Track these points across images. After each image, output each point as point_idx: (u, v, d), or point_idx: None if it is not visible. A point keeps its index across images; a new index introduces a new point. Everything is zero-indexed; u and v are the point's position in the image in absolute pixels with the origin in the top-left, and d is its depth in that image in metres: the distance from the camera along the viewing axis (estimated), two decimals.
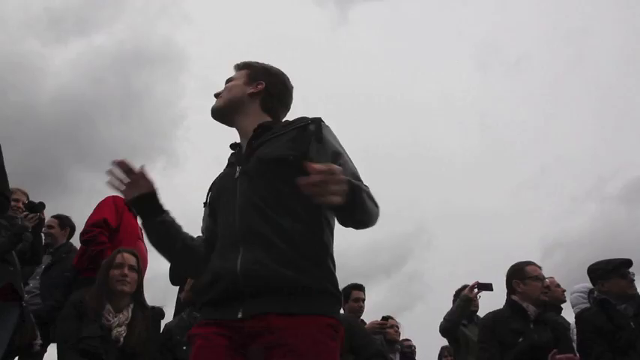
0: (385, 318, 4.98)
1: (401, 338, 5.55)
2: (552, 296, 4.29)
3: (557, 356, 2.80)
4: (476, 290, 4.01)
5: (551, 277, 4.41)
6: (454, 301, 4.64)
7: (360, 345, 2.85)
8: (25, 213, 3.34)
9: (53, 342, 3.42)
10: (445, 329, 4.07)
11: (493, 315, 3.24)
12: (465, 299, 3.99)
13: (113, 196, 3.72)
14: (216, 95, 1.73)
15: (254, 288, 1.41)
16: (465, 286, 4.57)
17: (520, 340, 3.01)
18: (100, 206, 3.65)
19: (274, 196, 1.51)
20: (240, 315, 1.41)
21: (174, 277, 3.72)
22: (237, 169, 1.60)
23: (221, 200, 1.61)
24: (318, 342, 1.38)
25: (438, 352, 6.08)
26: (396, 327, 4.92)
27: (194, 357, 1.45)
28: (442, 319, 4.17)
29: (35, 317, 3.39)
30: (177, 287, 3.72)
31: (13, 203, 3.56)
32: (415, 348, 5.84)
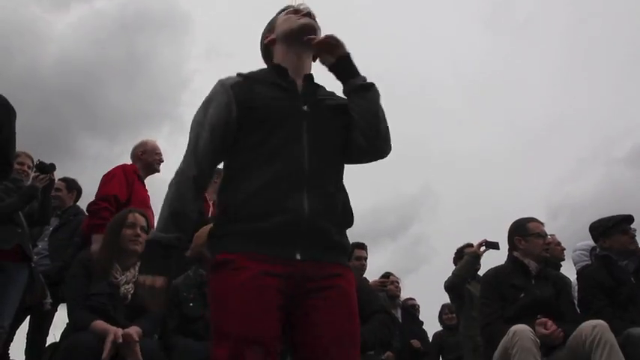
0: (385, 275, 5.07)
1: (405, 297, 5.66)
2: (552, 254, 4.36)
3: (539, 320, 2.84)
4: (483, 248, 4.11)
5: (552, 235, 4.46)
6: (455, 259, 4.72)
7: (364, 301, 2.87)
8: (35, 174, 3.35)
9: (63, 302, 3.49)
10: (453, 284, 4.13)
11: (495, 271, 3.27)
12: (473, 256, 4.14)
13: (122, 166, 3.70)
14: (307, 14, 1.66)
15: (315, 234, 1.44)
16: (467, 244, 4.65)
17: (521, 295, 3.05)
18: (111, 179, 3.56)
19: (336, 149, 1.58)
20: (298, 256, 1.41)
21: None
22: (303, 103, 1.55)
23: (277, 125, 1.50)
24: (354, 290, 1.51)
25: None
26: (396, 283, 4.99)
27: (234, 290, 1.35)
28: (450, 275, 4.25)
29: (44, 277, 3.46)
30: None
31: (17, 167, 3.59)
32: (419, 307, 5.95)
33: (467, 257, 4.16)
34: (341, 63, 1.61)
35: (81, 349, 2.26)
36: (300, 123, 1.51)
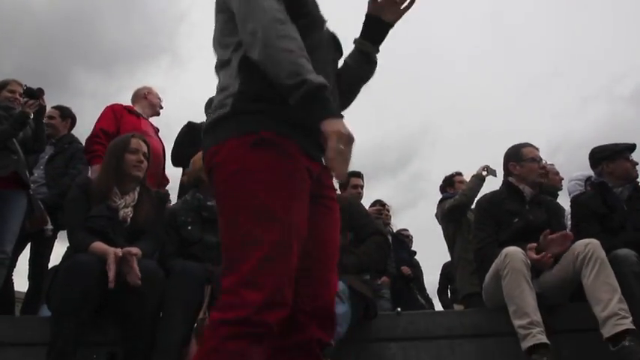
0: (381, 203, 5.14)
1: (399, 228, 5.77)
2: (549, 183, 4.41)
3: (550, 235, 2.89)
4: (485, 172, 4.21)
5: (551, 165, 4.50)
6: (442, 188, 4.79)
7: (359, 224, 2.93)
8: (24, 100, 3.30)
9: (63, 229, 3.54)
10: (461, 203, 4.15)
11: (489, 196, 3.31)
12: (479, 177, 4.20)
13: (111, 105, 3.86)
14: None
15: None
16: (457, 173, 4.74)
17: (515, 220, 3.10)
18: (99, 118, 3.78)
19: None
20: (323, 160, 1.40)
21: (177, 158, 3.76)
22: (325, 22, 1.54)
23: (317, 30, 1.49)
24: None
25: (436, 249, 6.30)
26: (386, 210, 5.07)
27: (287, 175, 1.29)
28: (456, 196, 4.30)
29: (43, 205, 3.49)
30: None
31: (9, 94, 3.55)
32: (412, 237, 6.07)
33: (473, 179, 4.26)
34: (386, 28, 1.61)
35: (81, 270, 2.29)
36: (329, 40, 1.55)
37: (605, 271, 2.60)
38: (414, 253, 5.76)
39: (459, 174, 4.82)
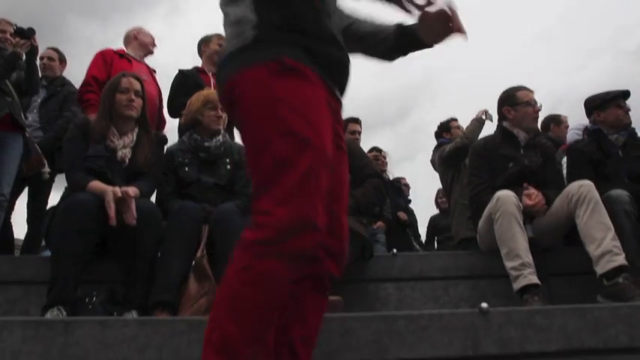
0: (377, 150, 5.15)
1: (396, 177, 5.81)
2: (558, 134, 4.49)
3: (526, 191, 2.92)
4: (484, 116, 4.21)
5: (564, 116, 4.57)
6: (437, 134, 4.79)
7: (357, 166, 2.93)
8: (16, 40, 3.23)
9: (60, 172, 3.54)
10: (463, 146, 4.14)
11: (484, 141, 3.30)
12: (480, 121, 4.21)
13: (101, 51, 3.74)
14: None
15: (347, 85, 1.49)
16: (451, 118, 4.74)
17: (510, 165, 3.11)
18: (89, 67, 3.66)
19: None
20: (338, 96, 1.45)
21: (173, 108, 3.73)
22: None
23: None
24: None
25: (432, 202, 6.37)
26: (383, 157, 5.09)
27: (316, 100, 1.29)
28: (457, 139, 4.31)
29: (39, 149, 3.47)
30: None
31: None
32: (409, 186, 6.12)
33: (473, 122, 4.26)
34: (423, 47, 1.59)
35: (80, 208, 2.29)
36: None
37: (599, 211, 2.64)
38: (409, 201, 5.82)
39: (454, 119, 4.82)
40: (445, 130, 4.77)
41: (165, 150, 2.86)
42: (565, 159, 3.56)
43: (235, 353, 1.11)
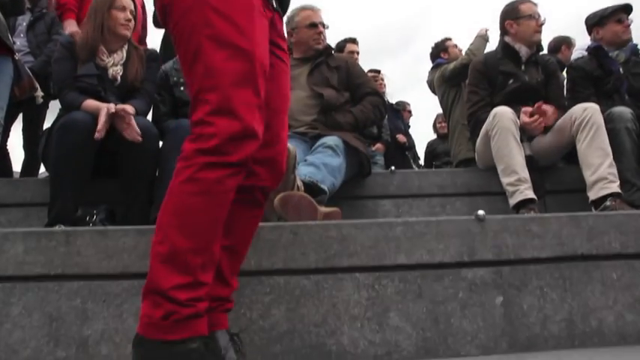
0: (374, 70, 5.08)
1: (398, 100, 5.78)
2: (568, 57, 4.46)
3: (543, 107, 2.88)
4: (485, 31, 4.18)
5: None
6: (434, 55, 4.70)
7: (356, 84, 2.90)
8: None
9: (54, 98, 3.48)
10: (469, 63, 4.12)
11: (484, 58, 3.24)
12: (484, 37, 4.17)
13: None
14: None
15: None
16: (445, 39, 4.69)
17: (510, 82, 3.07)
18: None
19: None
20: (274, 3, 1.43)
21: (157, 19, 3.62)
22: None
23: None
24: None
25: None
26: (381, 79, 5.03)
27: (249, 9, 1.27)
28: (463, 55, 4.24)
29: (32, 74, 3.39)
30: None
31: None
32: (411, 111, 6.09)
33: (478, 38, 4.19)
34: None
35: (75, 126, 2.27)
36: None
37: (600, 137, 2.62)
38: (409, 127, 5.80)
39: (449, 39, 4.73)
40: (442, 50, 4.67)
41: (159, 69, 2.79)
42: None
43: (184, 263, 1.13)
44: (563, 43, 4.73)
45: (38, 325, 1.52)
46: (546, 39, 4.26)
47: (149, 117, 2.74)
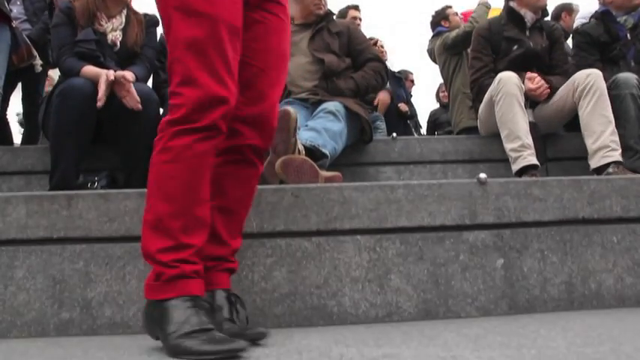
0: (372, 39, 5.02)
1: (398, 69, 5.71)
2: (569, 25, 4.42)
3: (528, 74, 2.85)
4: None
5: (577, 5, 4.53)
6: (434, 23, 4.64)
7: (357, 50, 2.86)
8: None
9: (54, 67, 3.45)
10: (472, 30, 4.08)
11: (488, 23, 3.20)
12: (486, 5, 4.14)
13: None
14: None
15: None
16: (445, 6, 4.69)
17: (514, 47, 3.03)
18: None
19: None
20: None
21: None
22: None
23: None
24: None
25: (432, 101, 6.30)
26: (380, 47, 4.98)
27: None
28: (467, 23, 4.19)
29: (30, 42, 3.35)
30: None
31: None
32: (413, 80, 6.03)
33: (480, 6, 4.14)
34: None
35: (75, 92, 2.25)
36: None
37: (602, 104, 2.59)
38: (411, 96, 5.76)
39: (450, 6, 4.66)
40: (443, 17, 4.60)
41: (159, 35, 2.76)
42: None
43: (167, 227, 1.19)
44: (563, 10, 4.65)
45: (42, 287, 1.53)
46: (552, 4, 4.20)
47: (149, 83, 2.72)
